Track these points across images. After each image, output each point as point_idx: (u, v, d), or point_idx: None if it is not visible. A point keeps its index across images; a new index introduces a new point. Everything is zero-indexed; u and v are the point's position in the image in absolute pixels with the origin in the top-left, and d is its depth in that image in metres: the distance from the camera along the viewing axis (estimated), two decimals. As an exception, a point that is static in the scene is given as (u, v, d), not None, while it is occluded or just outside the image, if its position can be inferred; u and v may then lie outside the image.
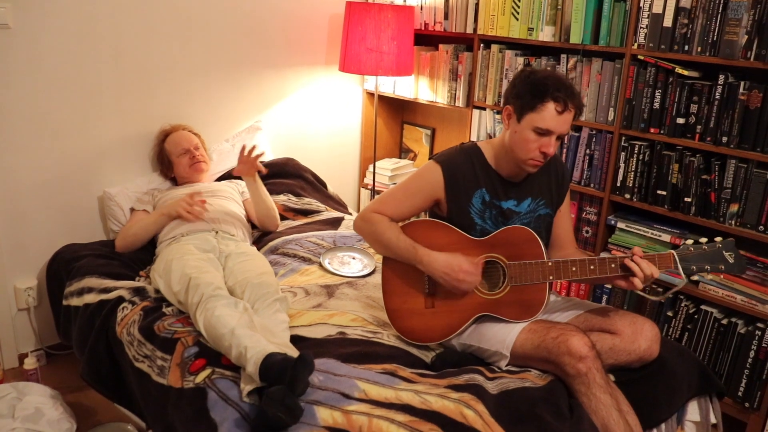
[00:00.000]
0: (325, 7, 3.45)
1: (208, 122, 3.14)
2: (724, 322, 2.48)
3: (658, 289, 2.60)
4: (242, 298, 2.15)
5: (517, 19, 2.96)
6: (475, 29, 3.16)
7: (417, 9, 3.42)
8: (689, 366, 1.97)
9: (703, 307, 2.54)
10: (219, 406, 1.73)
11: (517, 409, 1.70)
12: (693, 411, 1.99)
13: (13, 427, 2.10)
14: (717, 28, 2.34)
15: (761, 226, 2.35)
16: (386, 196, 2.08)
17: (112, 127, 2.83)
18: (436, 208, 2.07)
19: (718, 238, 1.87)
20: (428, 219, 2.05)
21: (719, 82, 2.37)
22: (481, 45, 3.16)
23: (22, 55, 2.53)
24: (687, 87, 2.46)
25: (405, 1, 3.48)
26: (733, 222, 2.42)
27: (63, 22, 2.60)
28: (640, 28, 2.55)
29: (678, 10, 2.43)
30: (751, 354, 2.42)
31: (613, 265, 1.87)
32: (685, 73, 2.45)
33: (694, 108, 2.46)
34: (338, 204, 3.28)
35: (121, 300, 2.28)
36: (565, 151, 2.89)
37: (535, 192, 2.04)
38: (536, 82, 1.84)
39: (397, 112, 3.92)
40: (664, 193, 2.58)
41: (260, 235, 2.83)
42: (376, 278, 2.49)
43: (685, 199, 2.53)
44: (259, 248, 2.68)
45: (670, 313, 2.64)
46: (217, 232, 2.55)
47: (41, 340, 2.82)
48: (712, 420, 2.03)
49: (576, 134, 2.85)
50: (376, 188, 3.61)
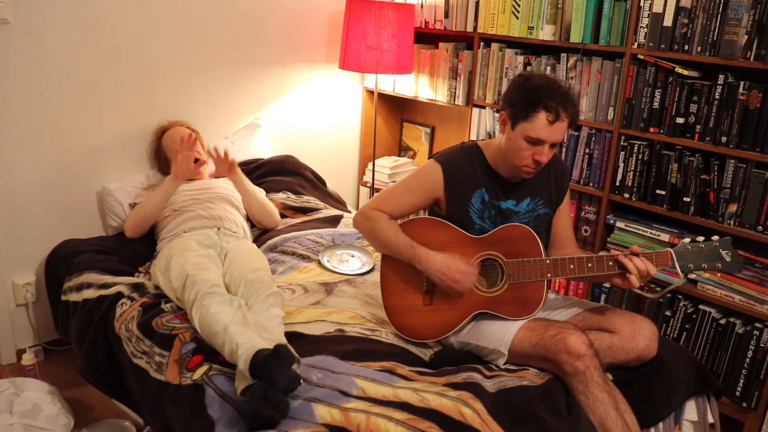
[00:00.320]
0: (326, 4, 3.44)
1: (208, 119, 3.14)
2: (722, 321, 2.49)
3: (656, 288, 2.60)
4: (237, 294, 2.15)
5: (518, 18, 2.96)
6: (476, 28, 3.16)
7: (417, 7, 3.42)
8: (687, 365, 1.97)
9: (702, 307, 2.54)
10: (216, 402, 1.73)
11: (515, 408, 1.70)
12: (690, 410, 1.99)
13: (11, 423, 2.10)
14: (717, 28, 2.34)
15: (760, 226, 2.35)
16: (386, 194, 2.08)
17: (111, 123, 2.83)
18: (436, 207, 2.07)
19: (715, 237, 1.87)
20: (427, 217, 2.05)
21: (719, 82, 2.37)
22: (481, 43, 3.16)
23: (22, 50, 2.53)
24: (687, 87, 2.47)
25: (405, -1, 3.49)
26: (732, 222, 2.42)
27: (63, 18, 2.60)
28: (641, 27, 2.55)
29: (678, 10, 2.43)
30: (749, 354, 2.42)
31: (611, 263, 1.88)
32: (685, 72, 2.45)
33: (693, 108, 2.46)
34: (337, 202, 3.28)
35: (120, 296, 2.27)
36: (564, 150, 2.89)
37: (534, 192, 2.04)
38: (529, 91, 1.82)
39: (397, 110, 3.92)
40: (663, 192, 2.59)
41: (260, 233, 2.83)
42: (375, 276, 2.49)
43: (684, 199, 2.53)
44: (259, 246, 2.68)
45: (668, 313, 2.64)
46: (219, 229, 2.55)
47: (39, 336, 2.82)
48: (710, 419, 2.03)
49: (575, 133, 2.85)
50: (375, 186, 3.61)
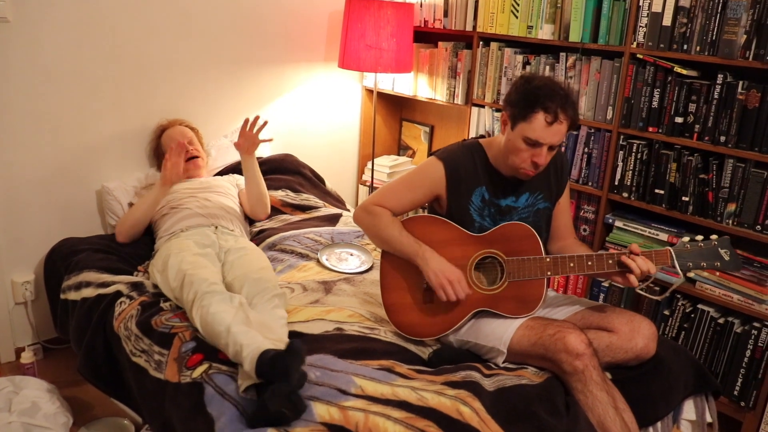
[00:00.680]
0: (325, 3, 3.44)
1: (207, 118, 3.14)
2: (721, 321, 2.49)
3: (656, 288, 2.61)
4: (240, 293, 2.15)
5: (517, 17, 2.96)
6: (475, 27, 3.16)
7: (417, 6, 3.42)
8: (685, 365, 1.98)
9: (700, 306, 2.55)
10: (216, 400, 1.73)
11: (514, 406, 1.71)
12: (689, 410, 2.00)
13: (10, 421, 2.10)
14: (716, 28, 2.35)
15: (758, 226, 2.35)
16: (387, 189, 2.08)
17: (110, 122, 2.83)
18: (435, 204, 2.07)
19: (714, 236, 1.88)
20: (427, 215, 2.05)
21: (718, 82, 2.37)
22: (481, 43, 3.16)
23: (21, 49, 2.53)
24: (685, 86, 2.47)
25: (405, -2, 3.49)
26: (731, 221, 2.42)
27: (62, 17, 2.60)
28: (640, 26, 2.55)
29: (677, 9, 2.43)
30: (747, 353, 2.42)
31: (611, 261, 1.88)
32: (684, 72, 2.46)
33: (692, 107, 2.46)
34: (336, 200, 3.28)
35: (118, 294, 2.27)
36: (563, 149, 2.89)
37: (534, 186, 2.05)
38: (529, 92, 1.83)
39: (396, 109, 3.92)
40: (662, 192, 2.59)
41: (258, 231, 2.83)
42: (374, 275, 2.49)
43: (683, 198, 2.53)
44: (257, 244, 2.67)
45: (667, 312, 2.64)
46: (216, 227, 2.55)
47: (38, 334, 2.82)
48: (708, 419, 2.03)
49: (574, 133, 2.85)
50: (374, 185, 3.61)
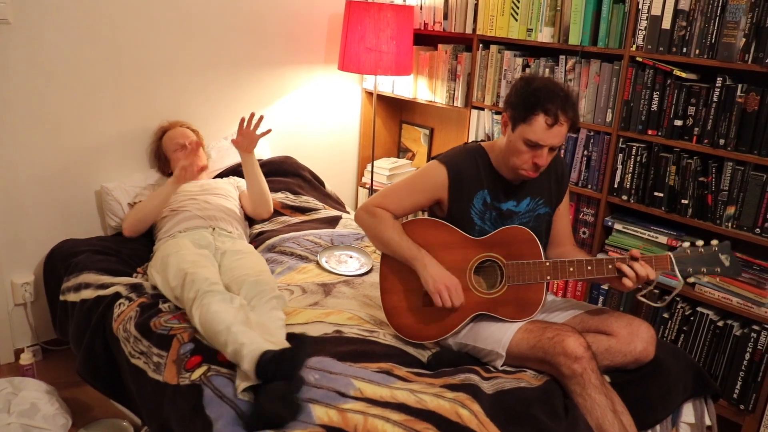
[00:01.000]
0: (325, 5, 3.45)
1: (207, 119, 3.14)
2: (720, 324, 2.49)
3: (655, 291, 2.60)
4: (239, 294, 2.14)
5: (516, 20, 2.96)
6: (474, 29, 3.16)
7: (416, 9, 3.42)
8: (684, 368, 1.98)
9: (699, 309, 2.55)
10: (214, 403, 1.73)
11: (513, 409, 1.71)
12: (688, 413, 2.00)
13: (8, 422, 2.10)
14: (715, 31, 2.35)
15: (757, 229, 2.35)
16: (389, 191, 2.08)
17: (110, 123, 2.83)
18: (436, 208, 2.07)
19: (714, 241, 1.88)
20: (427, 218, 2.05)
21: (717, 85, 2.38)
22: (480, 45, 3.16)
23: (22, 50, 2.53)
24: (685, 89, 2.47)
25: (404, 1, 3.49)
26: (730, 224, 2.43)
27: (63, 18, 2.60)
28: (639, 30, 2.55)
29: (676, 13, 2.44)
30: (747, 356, 2.42)
31: (610, 266, 1.88)
32: (683, 75, 2.46)
33: (691, 110, 2.47)
34: (336, 203, 3.28)
35: (118, 296, 2.27)
36: (563, 152, 2.89)
37: (535, 191, 2.05)
38: (529, 94, 1.83)
39: (396, 112, 3.92)
40: (662, 194, 2.59)
41: (257, 233, 2.83)
42: (373, 277, 2.50)
43: (682, 201, 2.54)
44: (257, 246, 2.68)
45: (666, 315, 2.64)
46: (214, 229, 2.55)
47: (37, 336, 2.82)
48: (707, 422, 2.03)
49: (574, 135, 2.85)
50: (374, 187, 3.62)
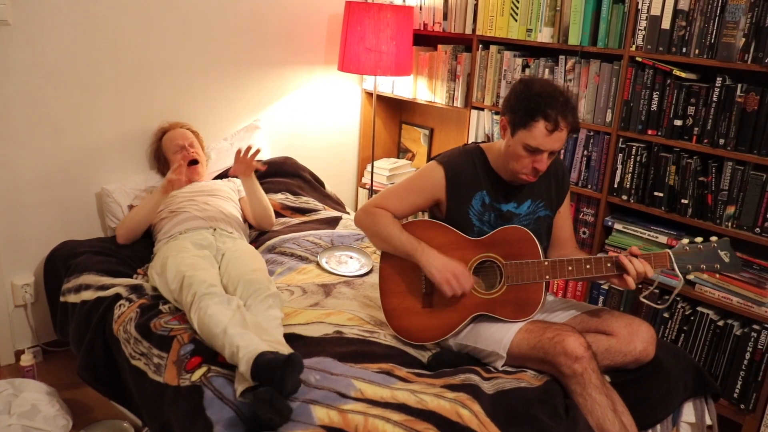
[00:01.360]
0: (325, 6, 3.45)
1: (207, 120, 3.14)
2: (720, 323, 2.49)
3: (656, 291, 2.60)
4: (236, 294, 2.15)
5: (516, 20, 2.96)
6: (474, 30, 3.16)
7: (416, 9, 3.42)
8: (685, 367, 1.98)
9: (699, 309, 2.55)
10: (215, 404, 1.73)
11: (513, 409, 1.71)
12: (688, 412, 2.00)
13: (9, 424, 2.10)
14: (715, 31, 2.35)
15: (757, 228, 2.35)
16: (388, 193, 2.09)
17: (110, 124, 2.84)
18: (435, 209, 2.07)
19: (714, 238, 1.87)
20: (427, 219, 2.05)
21: (716, 85, 2.38)
22: (480, 46, 3.16)
23: (22, 51, 2.53)
24: (684, 89, 2.47)
25: (404, 2, 3.49)
26: (730, 224, 2.43)
27: (62, 19, 2.60)
28: (639, 30, 2.55)
29: (676, 13, 2.44)
30: (747, 356, 2.43)
31: (609, 264, 1.88)
32: (683, 75, 2.46)
33: (691, 110, 2.47)
34: (336, 203, 3.28)
35: (118, 297, 2.27)
36: (563, 152, 2.89)
37: (535, 194, 2.05)
38: (529, 99, 1.82)
39: (396, 112, 3.92)
40: (661, 194, 2.59)
41: (258, 234, 2.83)
42: (374, 278, 2.50)
43: (682, 201, 2.54)
44: (257, 247, 2.68)
45: (666, 315, 2.64)
46: (215, 230, 2.55)
47: (38, 337, 2.82)
48: (708, 421, 2.03)
49: (574, 135, 2.85)
50: (374, 188, 3.62)
